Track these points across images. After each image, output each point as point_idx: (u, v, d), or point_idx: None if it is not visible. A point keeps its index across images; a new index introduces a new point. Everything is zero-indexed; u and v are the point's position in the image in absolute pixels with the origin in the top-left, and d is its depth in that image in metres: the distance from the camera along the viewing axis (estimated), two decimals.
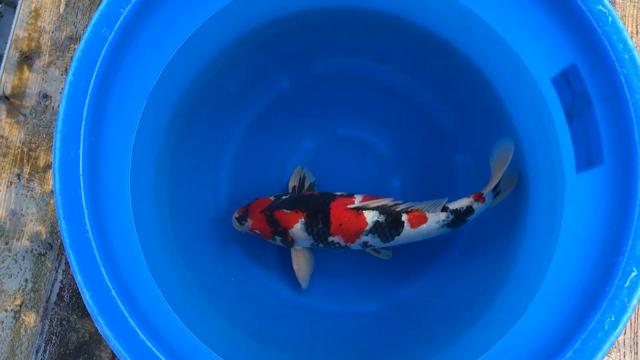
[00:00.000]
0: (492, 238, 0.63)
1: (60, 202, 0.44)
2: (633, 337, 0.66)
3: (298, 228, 0.61)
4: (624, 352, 0.66)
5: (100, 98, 0.47)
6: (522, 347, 0.48)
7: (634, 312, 0.48)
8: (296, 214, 0.61)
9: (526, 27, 0.53)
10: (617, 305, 0.42)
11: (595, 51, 0.47)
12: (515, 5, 0.52)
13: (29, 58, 0.73)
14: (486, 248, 0.64)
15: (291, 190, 0.66)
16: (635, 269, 0.43)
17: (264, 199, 0.63)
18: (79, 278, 0.43)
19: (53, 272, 0.67)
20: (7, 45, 0.73)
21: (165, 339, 0.45)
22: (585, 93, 0.49)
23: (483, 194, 0.59)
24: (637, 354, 0.66)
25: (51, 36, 0.73)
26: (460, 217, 0.59)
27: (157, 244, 0.56)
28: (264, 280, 0.66)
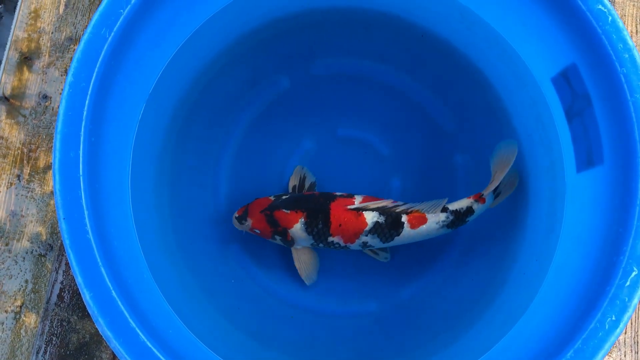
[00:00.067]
0: (493, 238, 0.63)
1: (60, 202, 0.44)
2: (634, 336, 0.66)
3: (298, 228, 0.61)
4: (625, 351, 0.66)
5: (100, 99, 0.47)
6: (522, 346, 0.48)
7: (634, 312, 0.48)
8: (296, 214, 0.61)
9: (526, 27, 0.53)
10: (618, 305, 0.42)
11: (595, 51, 0.47)
12: (515, 5, 0.52)
13: (29, 59, 0.73)
14: (486, 248, 0.64)
15: (291, 190, 0.66)
16: (635, 269, 0.43)
17: (264, 199, 0.63)
18: (79, 279, 0.43)
19: (53, 273, 0.67)
20: (7, 46, 0.73)
21: (165, 339, 0.45)
22: (585, 93, 0.49)
23: (483, 194, 0.59)
24: (637, 353, 0.66)
25: (51, 37, 0.73)
26: (460, 217, 0.59)
27: (157, 244, 0.56)
28: (264, 280, 0.66)
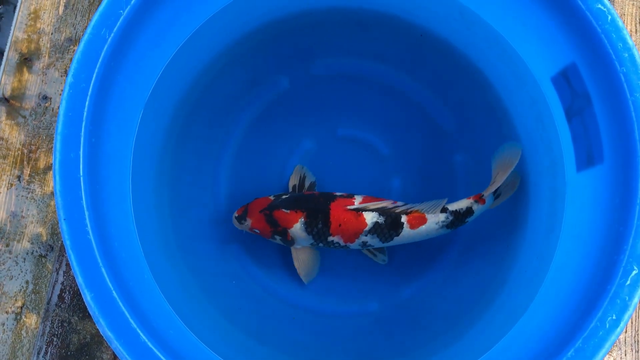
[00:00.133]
0: (493, 238, 0.63)
1: (60, 203, 0.44)
2: (634, 335, 0.66)
3: (298, 228, 0.61)
4: (625, 350, 0.66)
5: (100, 99, 0.47)
6: (523, 346, 0.48)
7: (635, 311, 0.48)
8: (296, 214, 0.61)
9: (526, 27, 0.53)
10: (618, 304, 0.42)
11: (594, 50, 0.47)
12: (515, 5, 0.52)
13: (29, 60, 0.73)
14: (487, 248, 0.64)
15: (291, 189, 0.66)
16: (636, 267, 0.43)
17: (264, 199, 0.63)
18: (80, 279, 0.43)
19: (54, 274, 0.67)
20: (7, 47, 0.73)
21: (166, 339, 0.45)
22: (585, 92, 0.49)
23: (483, 195, 0.59)
24: (638, 352, 0.66)
25: (50, 38, 0.73)
26: (460, 218, 0.59)
27: (157, 244, 0.56)
28: (264, 280, 0.66)
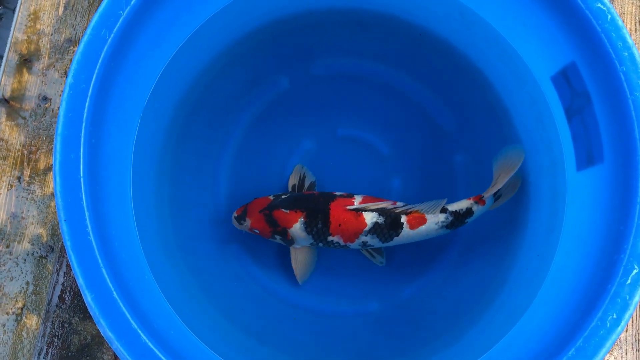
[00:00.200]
0: (493, 238, 0.63)
1: (61, 204, 0.44)
2: (635, 334, 0.66)
3: (297, 228, 0.61)
4: (626, 349, 0.66)
5: (101, 100, 0.47)
6: (524, 345, 0.48)
7: (635, 310, 0.48)
8: (295, 214, 0.60)
9: (525, 26, 0.53)
10: (619, 303, 0.42)
11: (594, 49, 0.47)
12: (515, 4, 0.52)
13: (28, 61, 0.73)
14: (487, 247, 0.64)
15: (291, 189, 0.66)
16: (636, 267, 0.43)
17: (263, 199, 0.63)
18: (80, 280, 0.43)
19: (54, 275, 0.67)
20: (7, 48, 0.73)
21: (167, 340, 0.45)
22: (584, 91, 0.49)
23: (484, 197, 0.59)
24: (639, 351, 0.66)
25: (50, 39, 0.73)
26: (460, 218, 0.59)
27: (158, 245, 0.56)
28: (265, 280, 0.66)
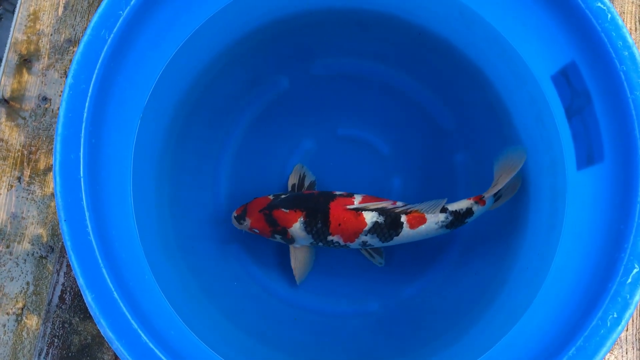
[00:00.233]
0: (494, 237, 0.63)
1: (61, 204, 0.44)
2: (635, 333, 0.66)
3: (297, 227, 0.61)
4: (626, 348, 0.66)
5: (101, 100, 0.47)
6: (524, 345, 0.48)
7: (636, 309, 0.48)
8: (295, 213, 0.60)
9: (525, 25, 0.53)
10: (620, 302, 0.42)
11: (594, 48, 0.47)
12: (515, 4, 0.52)
13: (28, 61, 0.73)
14: (487, 247, 0.64)
15: (290, 188, 0.66)
16: (637, 266, 0.43)
17: (263, 198, 0.63)
18: (80, 280, 0.43)
19: (54, 275, 0.67)
20: (6, 48, 0.73)
21: (167, 340, 0.45)
22: (585, 90, 0.49)
23: (484, 197, 0.59)
24: (639, 350, 0.66)
25: (50, 39, 0.73)
26: (460, 218, 0.59)
27: (158, 245, 0.56)
28: (265, 280, 0.66)
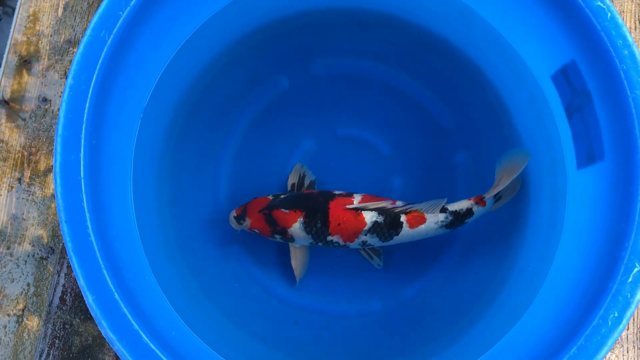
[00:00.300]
0: (494, 237, 0.63)
1: (61, 205, 0.44)
2: (636, 332, 0.66)
3: (297, 227, 0.60)
4: (627, 347, 0.66)
5: (101, 101, 0.47)
6: (525, 344, 0.48)
7: (637, 308, 0.48)
8: (295, 214, 0.60)
9: (525, 25, 0.53)
10: (620, 301, 0.42)
11: (594, 47, 0.47)
12: (514, 3, 0.52)
13: (28, 62, 0.73)
14: (488, 246, 0.64)
15: (290, 187, 0.66)
16: (637, 265, 0.43)
17: (262, 198, 0.63)
18: (81, 281, 0.43)
19: (55, 276, 0.67)
20: (6, 49, 0.73)
21: (168, 341, 0.45)
22: (585, 89, 0.49)
23: (485, 197, 0.59)
24: None
25: (50, 40, 0.73)
26: (459, 218, 0.59)
27: (158, 245, 0.56)
28: (266, 280, 0.66)
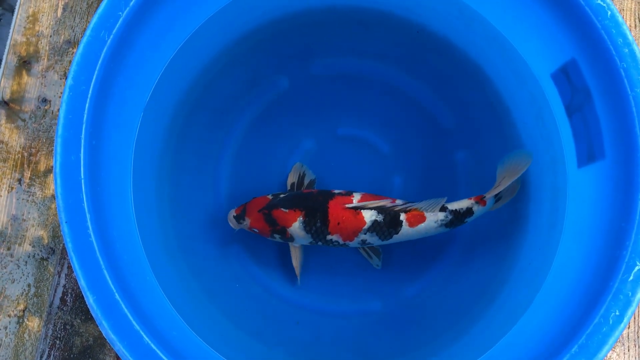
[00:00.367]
0: (495, 236, 0.63)
1: (62, 206, 0.44)
2: (637, 331, 0.66)
3: (296, 227, 0.60)
4: (628, 345, 0.66)
5: (100, 101, 0.47)
6: (526, 343, 0.48)
7: (638, 306, 0.48)
8: (294, 213, 0.60)
9: (525, 23, 0.52)
10: (621, 300, 0.42)
11: (594, 46, 0.47)
12: (514, 2, 0.52)
13: (28, 63, 0.73)
14: (488, 246, 0.64)
15: (290, 187, 0.66)
16: (638, 263, 0.43)
17: (262, 198, 0.63)
18: (82, 282, 0.43)
19: (56, 277, 0.67)
20: (6, 50, 0.73)
21: (169, 341, 0.45)
22: (585, 88, 0.49)
23: (485, 197, 0.59)
24: None
25: (49, 40, 0.73)
26: (459, 217, 0.59)
27: (159, 246, 0.56)
28: (266, 280, 0.66)
